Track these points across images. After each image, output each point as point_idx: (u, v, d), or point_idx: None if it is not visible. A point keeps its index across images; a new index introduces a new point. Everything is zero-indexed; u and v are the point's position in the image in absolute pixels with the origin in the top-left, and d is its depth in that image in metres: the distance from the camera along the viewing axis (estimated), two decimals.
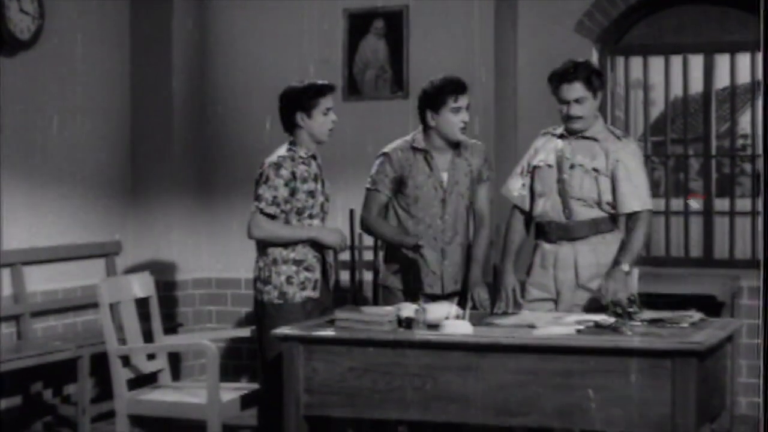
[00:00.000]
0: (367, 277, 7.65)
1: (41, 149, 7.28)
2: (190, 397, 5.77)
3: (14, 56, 7.04)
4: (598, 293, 5.29)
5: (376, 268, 7.51)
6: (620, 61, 7.87)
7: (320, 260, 5.63)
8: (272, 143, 5.84)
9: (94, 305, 6.87)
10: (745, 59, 7.62)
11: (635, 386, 4.57)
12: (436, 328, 4.94)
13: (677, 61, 7.79)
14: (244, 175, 7.73)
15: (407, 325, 4.97)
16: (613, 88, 7.78)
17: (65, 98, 7.45)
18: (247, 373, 7.95)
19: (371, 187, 5.72)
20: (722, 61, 7.68)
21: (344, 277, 7.61)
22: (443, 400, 4.78)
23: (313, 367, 4.94)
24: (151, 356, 6.06)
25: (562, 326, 4.88)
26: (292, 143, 5.63)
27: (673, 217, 7.86)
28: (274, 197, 5.51)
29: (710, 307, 6.47)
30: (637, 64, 7.87)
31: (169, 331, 7.06)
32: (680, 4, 7.66)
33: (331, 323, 5.13)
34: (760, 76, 6.76)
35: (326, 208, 5.72)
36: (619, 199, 5.41)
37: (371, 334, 4.92)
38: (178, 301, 8.00)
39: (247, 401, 5.78)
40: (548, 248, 5.50)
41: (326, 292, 5.68)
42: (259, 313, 5.64)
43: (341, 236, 5.65)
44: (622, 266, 5.30)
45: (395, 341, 4.87)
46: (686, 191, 7.95)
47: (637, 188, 5.40)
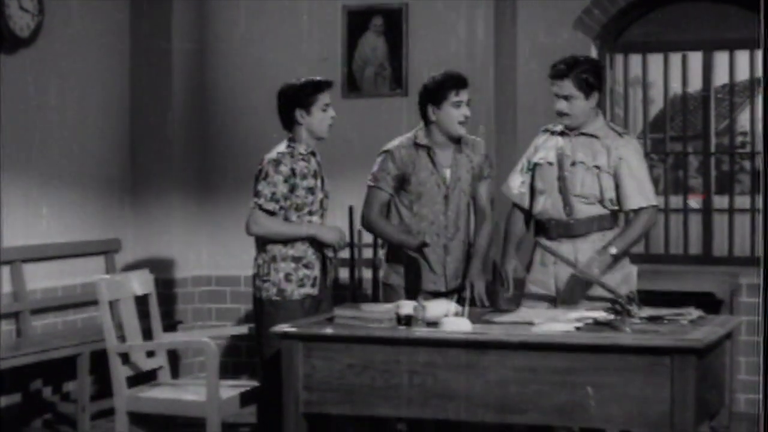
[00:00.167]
0: (366, 274, 7.65)
1: (41, 147, 7.28)
2: (189, 394, 5.77)
3: (14, 54, 7.04)
4: (577, 269, 5.31)
5: (375, 265, 7.52)
6: (619, 58, 7.87)
7: (319, 257, 5.63)
8: (271, 141, 5.84)
9: (93, 303, 6.86)
10: (744, 57, 7.62)
11: (634, 383, 4.57)
12: (435, 325, 4.94)
13: (676, 58, 7.79)
14: (243, 172, 7.73)
15: (406, 322, 4.98)
16: (612, 85, 7.78)
17: (65, 95, 7.45)
18: (246, 370, 7.95)
19: (373, 184, 5.72)
20: (721, 58, 7.68)
21: (343, 274, 7.61)
22: (442, 397, 4.78)
23: (312, 364, 4.94)
24: (150, 354, 6.06)
25: (561, 323, 4.88)
26: (291, 140, 5.63)
27: (672, 214, 7.86)
28: (273, 193, 5.51)
29: (709, 304, 6.47)
30: (636, 61, 7.87)
31: (168, 328, 7.05)
32: (679, 1, 7.65)
33: (330, 320, 5.13)
34: (759, 73, 6.76)
35: (325, 205, 5.72)
36: (623, 196, 5.41)
37: (370, 331, 4.92)
38: (177, 298, 8.01)
39: (246, 398, 5.78)
40: (548, 246, 5.50)
41: (325, 289, 5.68)
42: (257, 310, 5.64)
43: (340, 234, 5.65)
44: (609, 248, 5.32)
45: (394, 339, 4.87)
46: (685, 189, 7.95)
47: (641, 185, 5.40)
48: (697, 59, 7.71)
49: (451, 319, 4.95)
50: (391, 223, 5.72)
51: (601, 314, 5.01)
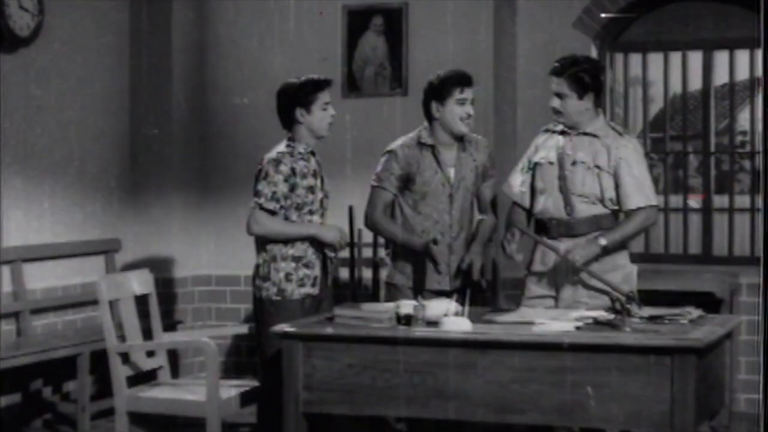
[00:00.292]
0: (366, 273, 7.65)
1: (41, 146, 7.27)
2: (189, 394, 5.77)
3: (14, 53, 7.04)
4: (562, 254, 5.33)
5: (375, 264, 7.52)
6: (619, 57, 7.87)
7: (320, 257, 5.63)
8: (271, 140, 5.84)
9: (93, 302, 6.86)
10: (744, 56, 7.62)
11: (634, 383, 4.57)
12: (435, 325, 4.94)
13: (676, 57, 7.79)
14: (243, 172, 7.73)
15: (406, 322, 4.97)
16: (612, 84, 7.78)
17: (65, 95, 7.45)
18: (246, 370, 7.95)
19: (377, 184, 5.72)
20: (721, 57, 7.68)
21: (343, 274, 7.61)
22: (442, 397, 4.78)
23: (312, 364, 4.94)
24: (150, 353, 6.06)
25: (561, 323, 4.88)
26: (290, 139, 5.63)
27: (672, 213, 7.85)
28: (273, 193, 5.51)
29: (709, 303, 6.47)
30: (636, 60, 7.87)
31: (168, 328, 7.05)
32: (679, 0, 7.65)
33: (330, 320, 5.13)
34: (759, 72, 6.76)
35: (325, 204, 5.72)
36: (622, 195, 5.40)
37: (370, 331, 4.92)
38: (177, 298, 8.00)
39: (246, 398, 5.78)
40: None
41: (326, 289, 5.68)
42: (257, 309, 5.64)
43: (341, 233, 5.65)
44: (599, 239, 5.32)
45: (394, 338, 4.87)
46: (685, 188, 7.94)
47: (641, 185, 5.40)
48: (697, 58, 7.71)
49: (451, 318, 4.95)
50: (395, 222, 5.72)
51: (601, 314, 5.01)
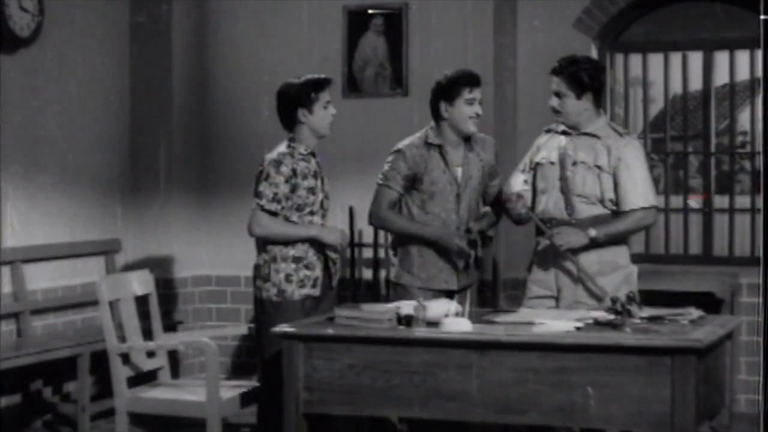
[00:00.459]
0: (366, 274, 7.65)
1: (41, 147, 7.27)
2: (189, 394, 5.77)
3: (14, 54, 7.04)
4: (548, 235, 5.37)
5: (376, 264, 7.52)
6: (619, 58, 7.87)
7: (321, 258, 5.63)
8: (271, 141, 5.84)
9: (93, 303, 6.86)
10: (744, 56, 7.62)
11: (635, 383, 4.57)
12: (435, 325, 4.94)
13: (676, 58, 7.79)
14: (243, 172, 7.73)
15: (407, 322, 4.97)
16: (612, 85, 7.78)
17: (65, 96, 7.45)
18: (246, 370, 7.95)
19: (383, 182, 5.71)
20: (721, 58, 7.68)
21: (343, 274, 7.60)
22: (443, 397, 4.78)
23: (312, 364, 4.93)
24: (150, 354, 6.06)
25: (561, 323, 4.88)
26: (291, 140, 5.63)
27: (672, 214, 7.85)
28: (274, 194, 5.51)
29: (709, 304, 6.47)
30: (636, 61, 7.87)
31: (168, 328, 7.06)
32: (679, 1, 7.65)
33: (330, 321, 5.13)
34: (759, 73, 6.75)
35: (326, 205, 5.72)
36: (621, 196, 5.41)
37: (371, 331, 4.92)
38: (177, 298, 8.00)
39: (246, 399, 5.78)
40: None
41: (329, 290, 5.68)
42: (258, 310, 5.64)
43: (342, 235, 5.66)
44: (589, 230, 5.33)
45: (395, 339, 4.87)
46: (686, 188, 7.95)
47: (639, 186, 5.40)
48: (697, 59, 7.71)
49: (451, 319, 4.95)
50: (402, 215, 5.71)
51: (601, 314, 5.02)
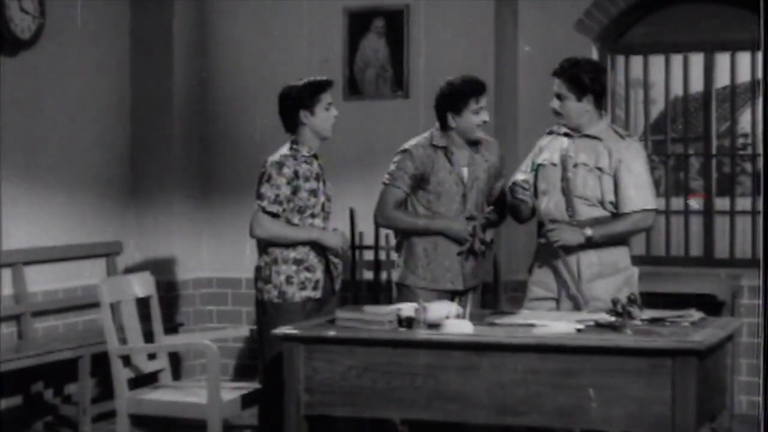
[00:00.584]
0: (367, 276, 7.65)
1: (42, 149, 7.27)
2: (190, 396, 5.77)
3: (15, 56, 7.04)
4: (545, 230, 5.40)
5: (377, 266, 7.51)
6: (620, 60, 7.87)
7: (322, 261, 5.62)
8: (272, 142, 5.84)
9: (94, 305, 6.87)
10: (745, 58, 7.62)
11: (635, 385, 4.57)
12: (436, 327, 4.94)
13: (677, 59, 7.79)
14: (244, 174, 7.73)
15: (407, 324, 4.97)
16: (613, 87, 7.78)
17: (65, 98, 7.45)
18: (247, 372, 7.94)
19: (389, 182, 5.70)
20: (722, 60, 7.68)
21: (345, 276, 7.59)
22: (443, 399, 4.78)
23: (313, 366, 4.93)
24: (151, 356, 6.06)
25: (562, 325, 4.88)
26: (294, 142, 5.63)
27: (673, 216, 7.85)
28: (276, 195, 5.51)
29: (710, 306, 6.47)
30: (637, 63, 7.87)
31: (169, 330, 7.06)
32: (680, 2, 7.65)
33: (331, 323, 5.13)
34: (760, 75, 6.75)
35: (328, 208, 5.72)
36: (621, 198, 5.40)
37: (372, 333, 4.91)
38: (178, 300, 8.00)
39: (247, 401, 5.78)
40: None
41: (331, 292, 5.68)
42: (259, 312, 5.64)
43: (343, 239, 5.65)
44: (585, 229, 5.33)
45: (396, 341, 4.87)
46: (686, 190, 7.94)
47: (639, 188, 5.40)
48: (698, 61, 7.71)
49: (452, 321, 4.95)
50: (409, 213, 5.71)
51: (602, 316, 5.01)
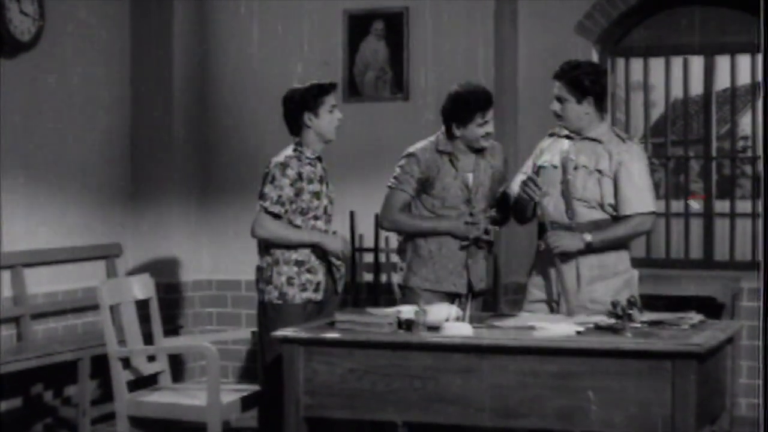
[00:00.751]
0: (367, 278, 7.65)
1: (41, 151, 7.27)
2: (190, 398, 5.77)
3: (14, 58, 7.04)
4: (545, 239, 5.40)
5: (377, 269, 7.51)
6: (620, 62, 7.87)
7: (323, 263, 5.63)
8: (273, 145, 5.84)
9: (94, 307, 6.88)
10: (745, 61, 7.62)
11: (635, 388, 4.57)
12: (436, 329, 4.94)
13: (677, 62, 7.79)
14: (244, 176, 7.73)
15: (407, 327, 4.97)
16: (613, 89, 7.77)
17: (66, 100, 7.45)
18: (247, 374, 7.94)
19: (395, 185, 5.70)
20: (722, 62, 7.68)
21: (345, 278, 7.59)
22: (443, 401, 4.78)
23: (313, 368, 4.93)
24: (151, 358, 6.06)
25: (562, 328, 4.88)
26: (298, 144, 5.64)
27: (673, 218, 7.85)
28: (279, 196, 5.52)
29: (710, 308, 6.47)
30: (637, 65, 7.87)
31: (169, 333, 7.06)
32: (680, 5, 7.66)
33: (331, 325, 5.13)
34: (760, 77, 6.75)
35: (330, 210, 5.73)
36: (620, 201, 5.40)
37: (371, 335, 4.92)
38: (178, 303, 8.00)
39: (247, 403, 5.78)
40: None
41: (333, 295, 5.69)
42: (260, 312, 5.65)
43: (345, 243, 5.66)
44: (585, 234, 5.33)
45: (395, 343, 4.87)
46: (686, 193, 7.95)
47: (639, 191, 5.40)
48: (698, 63, 7.72)
49: (452, 323, 4.95)
50: (414, 215, 5.70)
51: (602, 318, 5.01)
